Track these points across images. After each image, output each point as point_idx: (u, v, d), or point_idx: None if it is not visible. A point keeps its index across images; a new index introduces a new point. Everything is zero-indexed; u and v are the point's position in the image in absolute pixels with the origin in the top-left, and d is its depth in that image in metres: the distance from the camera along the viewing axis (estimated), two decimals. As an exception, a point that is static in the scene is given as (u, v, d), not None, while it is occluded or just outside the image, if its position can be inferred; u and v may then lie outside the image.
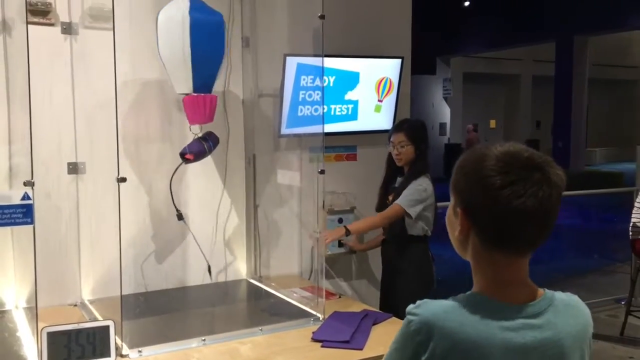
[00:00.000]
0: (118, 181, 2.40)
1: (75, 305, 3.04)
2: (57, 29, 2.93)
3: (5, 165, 2.88)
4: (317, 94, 3.51)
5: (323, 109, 3.38)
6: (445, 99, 20.63)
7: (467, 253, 1.19)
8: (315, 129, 3.51)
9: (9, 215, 2.11)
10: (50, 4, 2.90)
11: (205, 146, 3.00)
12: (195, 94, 2.85)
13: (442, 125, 20.78)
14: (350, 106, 3.72)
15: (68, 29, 2.96)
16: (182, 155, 2.99)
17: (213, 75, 2.92)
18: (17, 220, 2.12)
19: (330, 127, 3.57)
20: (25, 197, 2.12)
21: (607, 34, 16.82)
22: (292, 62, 3.39)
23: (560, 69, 16.70)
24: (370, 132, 3.82)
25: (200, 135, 3.00)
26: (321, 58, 3.00)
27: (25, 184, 2.17)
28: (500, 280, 1.14)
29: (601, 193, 6.91)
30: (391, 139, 3.25)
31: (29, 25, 2.85)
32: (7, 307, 2.92)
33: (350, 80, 3.67)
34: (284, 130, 3.48)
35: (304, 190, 3.57)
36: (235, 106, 3.46)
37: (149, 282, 3.26)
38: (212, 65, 2.90)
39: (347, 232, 3.16)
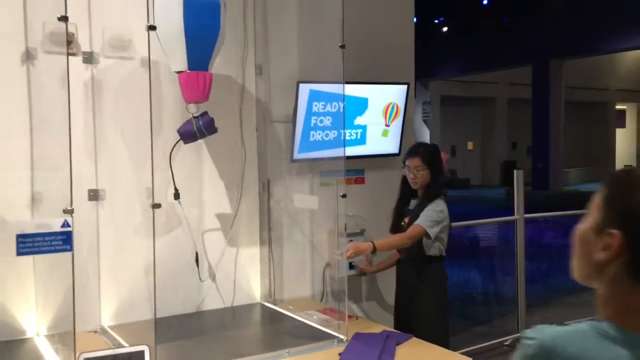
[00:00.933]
0: (153, 207, 2.43)
1: (96, 332, 3.04)
2: (79, 59, 2.98)
3: (28, 191, 2.90)
4: (329, 120, 3.61)
5: (344, 133, 3.47)
6: (425, 121, 20.95)
7: (600, 279, 1.09)
8: (327, 153, 3.61)
9: (49, 243, 2.13)
10: (72, 34, 2.94)
11: (195, 126, 2.95)
12: (189, 71, 2.85)
13: (422, 148, 21.02)
14: (359, 131, 3.81)
15: (89, 58, 3.01)
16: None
17: (209, 53, 2.90)
18: (57, 247, 2.15)
19: (340, 151, 3.64)
20: (65, 224, 2.15)
21: (582, 57, 17.34)
22: (304, 89, 3.48)
23: (537, 92, 17.14)
24: (378, 156, 3.92)
25: (196, 114, 2.97)
26: (339, 85, 3.11)
27: (64, 211, 2.20)
28: (637, 310, 1.06)
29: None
30: (407, 163, 3.34)
31: (51, 55, 2.92)
32: (28, 335, 2.91)
33: (359, 106, 3.77)
34: (297, 155, 3.55)
35: (316, 213, 3.64)
36: (250, 132, 3.53)
37: (166, 307, 3.27)
38: (208, 43, 2.87)
39: (374, 249, 3.20)
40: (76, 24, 2.89)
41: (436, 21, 17.55)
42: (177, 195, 3.14)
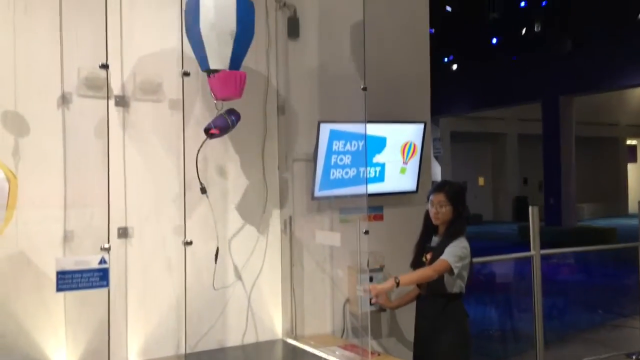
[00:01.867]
0: (185, 244, 2.51)
1: (123, 367, 3.10)
2: (111, 102, 3.11)
3: (60, 229, 3.00)
4: (348, 158, 3.71)
5: (366, 171, 3.56)
6: (436, 157, 21.06)
7: None
8: (347, 191, 3.70)
9: (87, 279, 2.22)
10: (105, 78, 3.08)
11: (229, 120, 3.11)
12: (229, 70, 2.99)
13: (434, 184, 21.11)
14: (378, 169, 3.91)
15: (121, 101, 3.14)
16: (207, 130, 3.10)
17: (244, 54, 3.08)
18: (95, 284, 2.23)
19: (359, 189, 3.74)
20: (102, 261, 2.24)
21: (592, 94, 17.48)
22: (325, 129, 3.59)
23: (548, 129, 17.23)
24: (396, 194, 4.00)
25: (223, 111, 3.12)
26: (359, 124, 3.20)
27: (101, 249, 2.29)
28: None
29: (604, 249, 7.10)
30: (431, 198, 3.41)
31: (85, 99, 3.06)
32: (57, 370, 2.97)
33: (378, 144, 3.87)
34: (318, 193, 3.64)
35: (336, 249, 3.71)
36: (272, 170, 3.63)
37: (189, 343, 3.33)
38: (246, 43, 3.06)
39: (397, 284, 3.25)
40: (110, 69, 3.03)
41: (445, 59, 17.81)
42: (203, 190, 3.22)
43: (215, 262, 3.32)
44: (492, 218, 24.53)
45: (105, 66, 2.35)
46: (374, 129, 3.83)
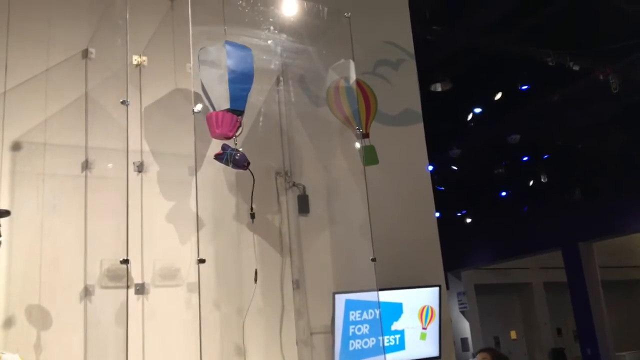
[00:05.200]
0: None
1: None
2: (131, 290, 3.22)
3: None
4: (366, 327, 3.70)
5: (383, 340, 3.54)
6: (463, 312, 20.50)
7: None
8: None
9: None
10: (125, 268, 3.22)
11: (229, 156, 3.21)
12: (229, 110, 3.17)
13: (464, 341, 20.34)
14: (397, 336, 3.87)
15: (141, 289, 3.25)
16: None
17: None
18: None
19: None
20: None
21: (609, 239, 17.38)
22: (340, 299, 3.63)
23: (572, 276, 16.92)
24: (419, 361, 3.92)
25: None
26: (373, 292, 3.25)
27: None
28: None
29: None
30: (476, 357, 3.60)
31: (107, 290, 3.18)
32: None
33: (395, 311, 3.88)
34: (338, 366, 3.58)
35: None
36: (290, 346, 3.61)
37: None
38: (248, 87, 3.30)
39: None
40: (130, 259, 3.18)
41: (458, 214, 18.11)
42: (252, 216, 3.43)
43: None
44: (531, 374, 23.17)
45: (126, 261, 2.49)
46: (389, 296, 3.86)
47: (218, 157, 3.25)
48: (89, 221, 3.21)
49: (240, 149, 3.23)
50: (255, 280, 3.44)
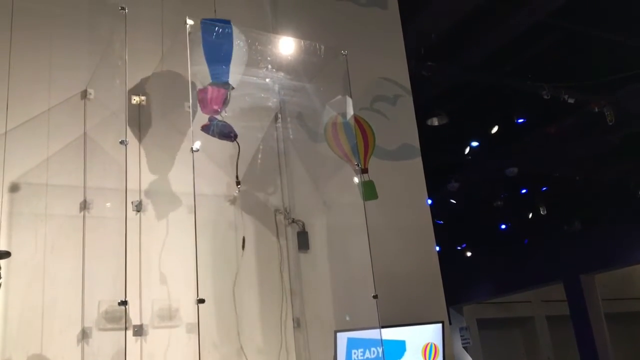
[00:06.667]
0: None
1: None
2: (129, 332, 3.16)
3: None
4: (369, 367, 3.63)
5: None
6: (465, 348, 20.20)
7: None
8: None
9: None
10: (124, 309, 3.17)
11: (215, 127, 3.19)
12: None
13: (468, 377, 19.96)
14: (401, 375, 3.79)
15: (139, 331, 3.20)
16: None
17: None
18: None
19: (384, 399, 3.60)
20: None
21: (610, 270, 17.26)
22: (342, 338, 3.57)
23: (575, 309, 16.73)
24: (424, 400, 3.83)
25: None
26: (375, 330, 3.19)
27: None
28: None
29: None
30: None
31: (105, 332, 3.12)
32: None
33: (398, 348, 3.81)
34: (342, 409, 3.50)
35: None
36: (292, 388, 3.54)
37: None
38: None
39: None
40: (128, 299, 3.13)
41: (458, 247, 18.02)
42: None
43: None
44: (538, 410, 22.71)
45: (124, 302, 2.45)
46: (392, 333, 3.79)
47: (205, 128, 3.25)
48: (86, 262, 3.17)
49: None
50: (243, 247, 3.44)
